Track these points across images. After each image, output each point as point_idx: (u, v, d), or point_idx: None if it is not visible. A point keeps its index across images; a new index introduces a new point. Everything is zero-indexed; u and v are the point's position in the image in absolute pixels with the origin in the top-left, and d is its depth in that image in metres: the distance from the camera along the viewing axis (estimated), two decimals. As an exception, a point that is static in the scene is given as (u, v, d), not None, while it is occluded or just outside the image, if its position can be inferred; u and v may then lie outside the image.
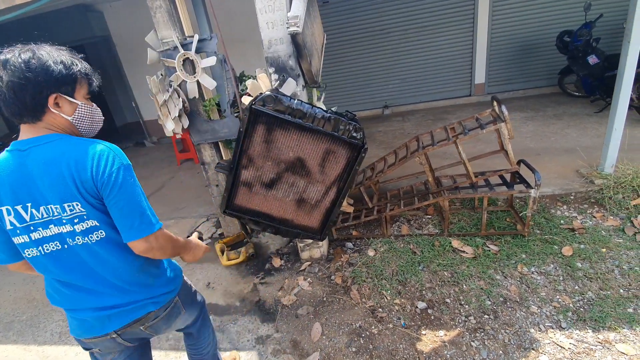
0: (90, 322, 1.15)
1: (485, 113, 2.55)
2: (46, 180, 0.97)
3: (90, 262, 1.08)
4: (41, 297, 2.90)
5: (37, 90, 0.96)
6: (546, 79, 5.68)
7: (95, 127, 1.14)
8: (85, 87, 1.08)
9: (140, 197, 1.05)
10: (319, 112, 1.61)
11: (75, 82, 1.03)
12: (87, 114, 1.09)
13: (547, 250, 2.37)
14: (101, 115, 1.15)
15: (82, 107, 1.06)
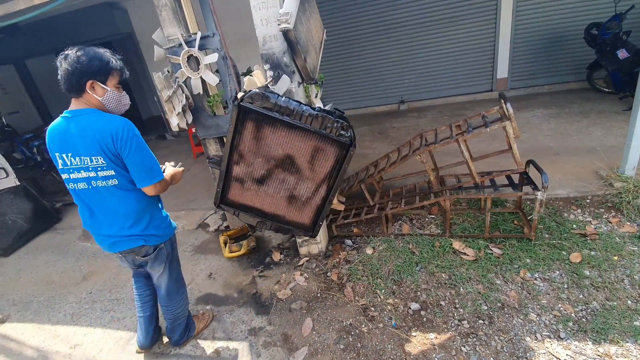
0: (104, 243, 1.69)
1: (492, 110, 2.44)
2: (81, 139, 1.44)
3: (107, 200, 1.56)
4: (60, 279, 3.10)
5: (79, 76, 1.41)
6: (574, 73, 5.34)
7: (120, 108, 1.56)
8: (117, 78, 1.52)
9: (148, 157, 1.53)
10: (306, 110, 1.60)
11: (107, 74, 1.47)
12: (114, 98, 1.52)
13: (554, 256, 2.26)
14: (127, 101, 1.59)
15: (110, 93, 1.50)
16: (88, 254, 3.41)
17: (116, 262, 3.18)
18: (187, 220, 3.62)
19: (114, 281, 2.90)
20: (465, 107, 5.60)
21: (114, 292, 2.76)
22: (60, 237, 3.91)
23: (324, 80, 6.45)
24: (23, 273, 3.34)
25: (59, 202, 4.65)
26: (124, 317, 2.46)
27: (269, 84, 1.89)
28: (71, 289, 2.92)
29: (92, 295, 2.78)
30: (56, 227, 4.20)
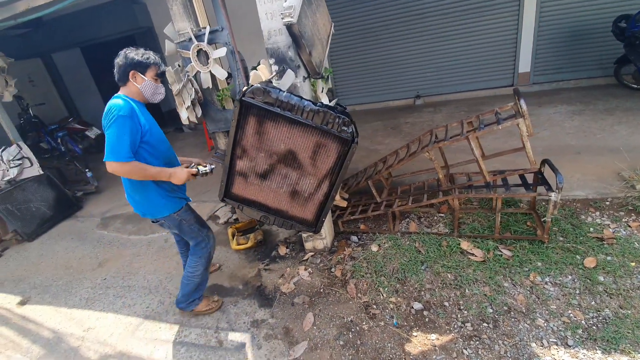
0: None
1: (507, 107, 2.35)
2: None
3: None
4: (77, 265, 3.24)
5: (125, 67, 1.76)
6: (600, 68, 5.06)
7: (155, 97, 1.86)
8: (154, 71, 1.80)
9: (115, 137, 1.66)
10: (307, 105, 1.59)
11: (146, 67, 1.77)
12: (151, 87, 1.81)
13: (567, 260, 2.17)
14: (162, 91, 1.88)
15: (147, 82, 1.79)
16: (104, 242, 3.55)
17: (130, 250, 3.30)
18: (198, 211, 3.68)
19: (127, 269, 3.00)
20: (483, 103, 5.42)
21: (127, 279, 2.86)
22: (80, 225, 4.09)
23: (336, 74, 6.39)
24: (44, 258, 3.51)
25: (80, 191, 4.85)
26: (135, 304, 2.56)
27: (273, 78, 1.88)
28: (87, 275, 3.05)
29: (106, 282, 2.89)
30: (77, 215, 4.39)
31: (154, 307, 2.47)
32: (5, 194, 3.93)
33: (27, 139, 6.46)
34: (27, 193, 4.15)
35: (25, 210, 4.04)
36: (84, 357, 2.20)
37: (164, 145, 1.93)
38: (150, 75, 1.79)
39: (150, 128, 1.83)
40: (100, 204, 4.56)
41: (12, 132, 4.39)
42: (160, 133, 1.92)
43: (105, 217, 4.12)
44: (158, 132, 1.90)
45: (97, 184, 4.96)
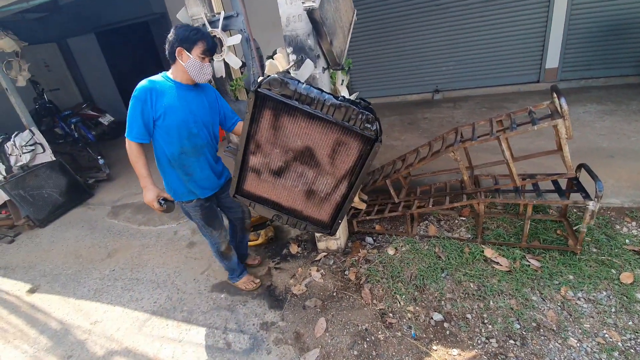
0: None
1: (541, 105, 2.16)
2: None
3: None
4: (87, 254, 3.21)
5: (172, 43, 1.70)
6: (635, 66, 4.74)
7: (201, 77, 1.76)
8: (201, 48, 1.70)
9: (129, 115, 1.72)
10: (328, 99, 1.45)
11: (193, 43, 1.68)
12: (196, 66, 1.72)
13: (601, 274, 2.00)
14: (209, 70, 1.77)
15: (192, 60, 1.70)
16: (114, 232, 3.51)
17: (139, 241, 3.25)
18: (208, 204, 3.62)
19: (136, 260, 2.95)
20: (507, 99, 5.16)
21: (135, 271, 2.81)
22: (91, 213, 4.07)
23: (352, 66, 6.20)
24: (55, 245, 3.50)
25: (92, 178, 4.83)
26: (142, 298, 2.50)
27: (290, 68, 1.75)
28: (96, 265, 3.02)
29: (114, 273, 2.85)
30: (88, 202, 4.38)
31: (162, 303, 2.41)
32: (18, 179, 3.93)
33: (41, 124, 6.50)
34: (39, 179, 4.14)
35: (37, 196, 4.04)
36: (90, 352, 2.16)
37: (185, 132, 1.78)
38: (197, 53, 1.69)
39: (166, 113, 1.72)
40: (111, 191, 4.54)
41: (26, 117, 4.37)
42: (184, 119, 1.76)
43: (116, 205, 4.09)
44: (180, 118, 1.75)
45: (109, 171, 4.94)
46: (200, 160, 1.89)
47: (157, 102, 1.70)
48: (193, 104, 1.79)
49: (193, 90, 1.81)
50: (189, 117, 1.78)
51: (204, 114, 1.84)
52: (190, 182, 1.90)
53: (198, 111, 1.81)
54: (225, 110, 1.96)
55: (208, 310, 2.28)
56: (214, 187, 2.01)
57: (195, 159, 1.87)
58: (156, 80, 1.73)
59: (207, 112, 1.85)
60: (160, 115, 1.72)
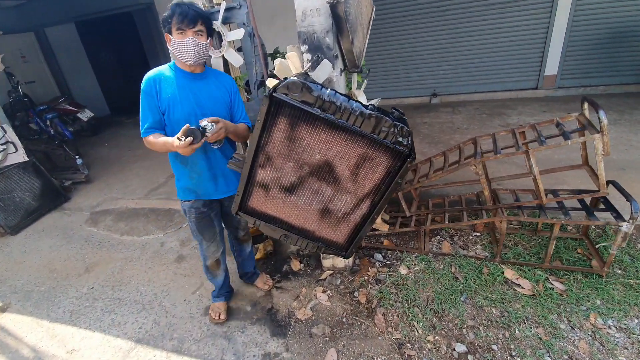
0: None
1: (569, 117, 2.02)
2: None
3: None
4: (62, 268, 2.89)
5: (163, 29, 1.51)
6: (635, 74, 4.74)
7: (183, 56, 1.50)
8: (175, 24, 1.45)
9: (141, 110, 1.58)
10: (356, 107, 1.24)
11: (169, 23, 1.46)
12: (175, 46, 1.48)
13: (630, 299, 1.87)
14: (188, 47, 1.46)
15: (172, 41, 1.48)
16: (93, 242, 3.19)
17: (121, 253, 2.95)
18: (199, 212, 3.34)
19: (118, 277, 2.66)
20: (506, 106, 5.09)
21: (117, 290, 2.52)
22: (67, 219, 3.72)
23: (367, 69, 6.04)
24: (27, 256, 3.15)
25: (68, 180, 4.45)
26: (125, 322, 2.22)
27: (307, 70, 1.52)
28: (72, 281, 2.71)
29: (93, 292, 2.55)
30: (64, 206, 4.01)
31: (148, 329, 2.14)
32: (-15, 181, 3.54)
33: (15, 119, 6.02)
34: (10, 181, 3.75)
35: (8, 200, 3.66)
36: (64, 388, 1.88)
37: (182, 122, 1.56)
38: (174, 30, 1.47)
39: (169, 105, 1.56)
40: (90, 195, 4.18)
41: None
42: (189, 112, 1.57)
43: (95, 211, 3.75)
44: (185, 111, 1.56)
45: (87, 172, 4.57)
46: (209, 159, 1.70)
47: (162, 94, 1.55)
48: (200, 95, 1.59)
49: (200, 79, 1.61)
50: (195, 109, 1.58)
51: (213, 107, 1.62)
52: (194, 181, 1.73)
53: (206, 103, 1.60)
54: (235, 107, 1.74)
55: (201, 337, 2.03)
56: (221, 191, 1.79)
57: (203, 157, 1.68)
58: (161, 70, 1.58)
59: (217, 104, 1.63)
60: (165, 109, 1.57)
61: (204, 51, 1.52)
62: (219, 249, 1.97)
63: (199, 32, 1.47)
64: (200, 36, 1.48)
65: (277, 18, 5.10)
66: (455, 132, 4.34)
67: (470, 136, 4.17)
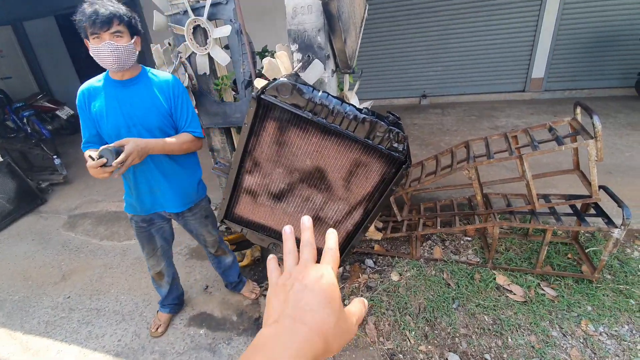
0: None
1: (562, 122, 2.00)
2: None
3: None
4: (37, 276, 2.74)
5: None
6: (620, 78, 4.84)
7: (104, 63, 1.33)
8: (88, 28, 1.27)
9: None
10: (350, 111, 1.17)
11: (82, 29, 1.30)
12: (94, 53, 1.32)
13: (620, 305, 1.87)
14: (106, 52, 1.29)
15: (91, 49, 1.32)
16: (71, 247, 3.03)
17: (101, 259, 2.81)
18: (184, 215, 3.22)
19: (96, 285, 2.52)
20: (494, 108, 5.13)
21: (95, 299, 2.39)
22: (44, 223, 3.53)
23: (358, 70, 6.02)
24: (0, 262, 2.97)
25: (45, 181, 4.24)
26: (104, 334, 2.10)
27: (297, 70, 1.45)
28: (48, 290, 2.56)
29: (69, 301, 2.41)
30: (40, 209, 3.82)
31: (127, 341, 2.03)
32: (-47, 183, 3.33)
33: (-11, 116, 5.74)
34: (-19, 182, 3.55)
35: (-22, 202, 3.45)
36: (35, 407, 1.75)
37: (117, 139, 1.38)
38: (89, 36, 1.31)
39: (96, 120, 1.45)
40: (68, 198, 3.99)
41: (-35, 109, 3.74)
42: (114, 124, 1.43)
43: (74, 214, 3.58)
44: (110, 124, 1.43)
45: (66, 172, 4.37)
46: (143, 172, 1.56)
47: (91, 107, 1.44)
48: (128, 104, 1.44)
49: (130, 86, 1.45)
50: (120, 121, 1.44)
51: (144, 117, 1.46)
52: (133, 196, 1.64)
53: (134, 112, 1.44)
54: (178, 113, 1.53)
55: (185, 350, 1.93)
56: (160, 206, 1.67)
57: (135, 171, 1.54)
58: (92, 81, 1.47)
59: (150, 113, 1.46)
60: (96, 119, 1.46)
61: (126, 54, 1.34)
62: (158, 263, 1.89)
63: (117, 33, 1.30)
64: (120, 38, 1.31)
65: (266, 15, 5.00)
66: (445, 134, 4.34)
67: (460, 138, 4.17)
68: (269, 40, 2.88)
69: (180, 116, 1.53)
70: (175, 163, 1.61)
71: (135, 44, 1.38)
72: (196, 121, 1.58)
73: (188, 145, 1.53)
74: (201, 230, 1.86)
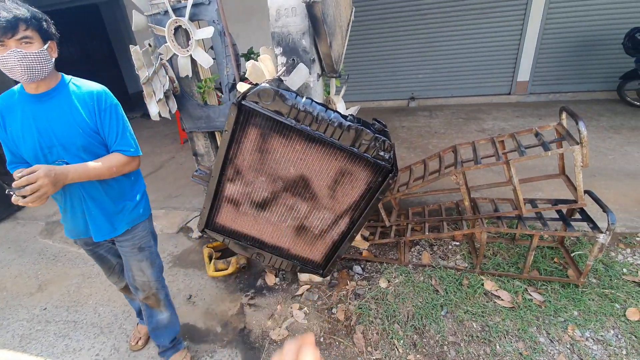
0: None
1: (547, 126, 2.01)
2: None
3: None
4: (12, 286, 2.61)
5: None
6: (602, 82, 4.94)
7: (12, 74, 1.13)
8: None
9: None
10: (334, 118, 1.13)
11: None
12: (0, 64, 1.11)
13: (605, 310, 1.88)
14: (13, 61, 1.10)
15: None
16: (48, 256, 2.90)
17: (79, 269, 2.69)
18: (167, 221, 3.13)
19: (74, 296, 2.42)
20: (481, 110, 5.17)
21: (72, 311, 2.29)
22: (20, 230, 3.38)
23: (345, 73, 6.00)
24: (-30, 272, 2.83)
25: (22, 185, 4.07)
26: (81, 349, 2.00)
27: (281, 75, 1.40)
28: (23, 301, 2.44)
29: (46, 313, 2.29)
30: (17, 215, 3.66)
31: (106, 356, 1.94)
32: None
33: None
34: (-50, 187, 3.37)
35: (-52, 208, 3.28)
36: None
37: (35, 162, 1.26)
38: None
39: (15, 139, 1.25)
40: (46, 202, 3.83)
41: None
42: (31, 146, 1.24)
43: (52, 221, 3.44)
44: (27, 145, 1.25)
45: (45, 177, 4.20)
46: (72, 195, 1.37)
47: (7, 126, 1.25)
48: (44, 122, 1.22)
49: (47, 100, 1.23)
50: (37, 142, 1.24)
51: (65, 136, 1.24)
52: (67, 220, 1.47)
53: (53, 131, 1.23)
54: (105, 129, 1.31)
55: (166, 364, 1.85)
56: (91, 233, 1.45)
57: (67, 194, 1.36)
58: (6, 94, 1.28)
59: (71, 132, 1.24)
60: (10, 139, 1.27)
61: (38, 63, 1.14)
62: (120, 280, 1.74)
63: (25, 39, 1.10)
64: (29, 44, 1.12)
65: (252, 16, 4.93)
66: (433, 137, 4.34)
67: (447, 140, 4.18)
68: (255, 42, 2.82)
69: (109, 133, 1.31)
70: (107, 185, 1.39)
71: (49, 50, 1.18)
72: (128, 137, 1.34)
73: (119, 168, 1.31)
74: (130, 263, 1.53)
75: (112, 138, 1.31)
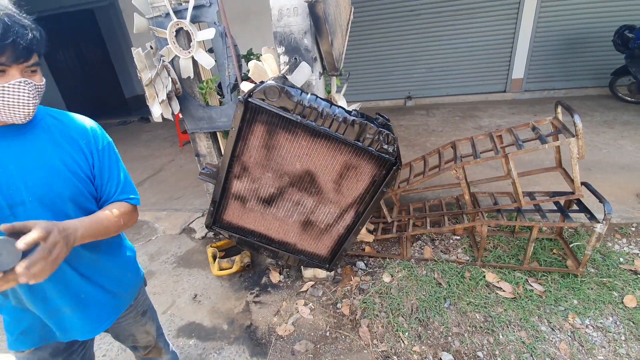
0: None
1: (544, 121, 2.05)
2: None
3: None
4: None
5: None
6: (594, 78, 5.03)
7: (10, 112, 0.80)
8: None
9: None
10: (339, 113, 1.17)
11: None
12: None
13: (604, 298, 1.92)
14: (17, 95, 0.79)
15: None
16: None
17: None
18: (169, 222, 3.15)
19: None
20: (477, 108, 5.24)
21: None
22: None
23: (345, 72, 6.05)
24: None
25: None
26: (87, 349, 2.01)
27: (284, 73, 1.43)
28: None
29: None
30: None
31: (113, 356, 1.94)
32: None
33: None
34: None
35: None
36: None
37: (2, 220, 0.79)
38: None
39: None
40: None
41: None
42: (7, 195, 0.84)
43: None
44: None
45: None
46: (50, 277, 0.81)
47: None
48: (8, 168, 0.84)
49: (21, 135, 0.87)
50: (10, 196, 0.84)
51: (42, 183, 0.87)
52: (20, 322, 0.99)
53: (24, 180, 0.85)
54: (105, 174, 0.99)
55: (174, 362, 1.87)
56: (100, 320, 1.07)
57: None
58: None
59: (54, 177, 0.89)
60: None
61: (40, 96, 0.86)
62: None
63: (33, 66, 0.82)
64: (34, 74, 0.83)
65: (251, 17, 4.97)
66: (430, 135, 4.39)
67: (445, 138, 4.24)
68: (255, 43, 2.85)
69: (109, 179, 0.99)
70: (99, 251, 1.02)
71: None
72: (131, 182, 1.06)
73: (125, 221, 0.99)
74: (133, 331, 1.24)
75: (112, 185, 1.00)
